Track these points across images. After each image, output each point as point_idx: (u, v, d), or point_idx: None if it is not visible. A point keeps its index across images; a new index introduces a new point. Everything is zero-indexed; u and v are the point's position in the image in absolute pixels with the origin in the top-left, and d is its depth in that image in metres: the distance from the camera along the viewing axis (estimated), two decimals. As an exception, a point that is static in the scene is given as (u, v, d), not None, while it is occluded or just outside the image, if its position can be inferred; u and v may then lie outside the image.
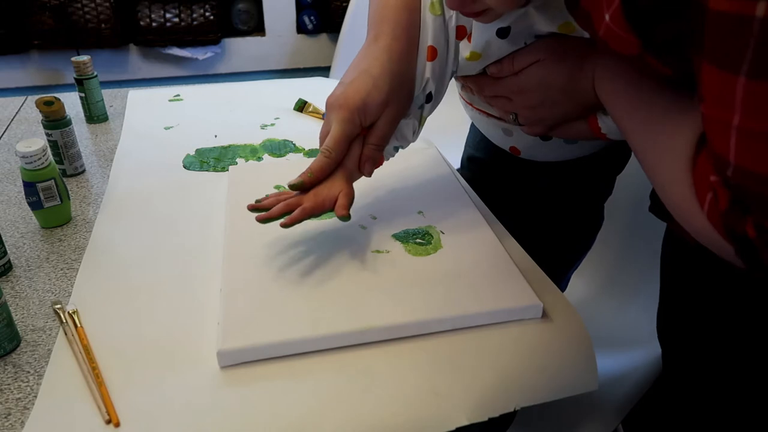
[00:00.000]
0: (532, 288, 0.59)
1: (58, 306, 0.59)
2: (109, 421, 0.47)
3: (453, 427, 0.48)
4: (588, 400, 0.98)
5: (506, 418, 0.56)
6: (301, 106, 1.06)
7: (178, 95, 1.14)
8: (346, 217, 0.60)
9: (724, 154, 0.36)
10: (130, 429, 0.47)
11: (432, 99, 0.66)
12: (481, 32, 0.61)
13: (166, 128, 0.99)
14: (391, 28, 0.63)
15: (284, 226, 0.59)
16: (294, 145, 0.93)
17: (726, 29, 0.32)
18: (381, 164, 0.66)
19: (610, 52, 0.46)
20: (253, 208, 0.61)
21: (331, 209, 0.61)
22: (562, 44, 0.59)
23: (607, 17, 0.42)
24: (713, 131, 0.37)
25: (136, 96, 1.14)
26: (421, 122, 0.68)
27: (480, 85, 0.67)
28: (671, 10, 0.37)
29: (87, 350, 0.54)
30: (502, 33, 0.60)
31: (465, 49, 0.64)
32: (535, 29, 0.59)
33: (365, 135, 0.64)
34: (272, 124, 1.01)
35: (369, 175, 0.65)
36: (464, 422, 0.49)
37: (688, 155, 0.44)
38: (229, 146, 0.92)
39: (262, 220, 0.59)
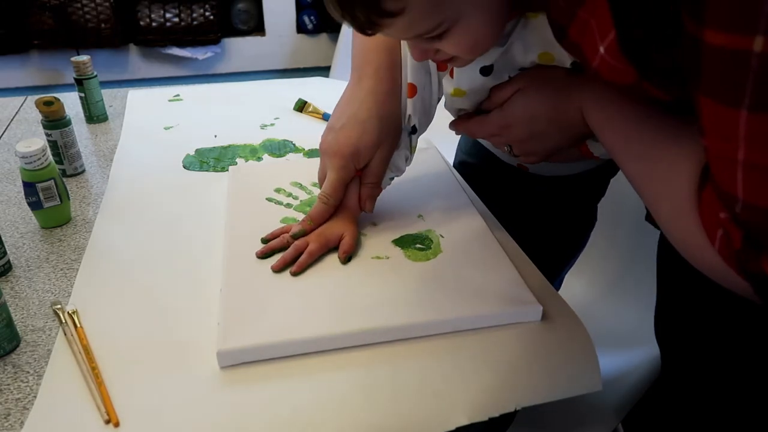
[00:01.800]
0: (532, 291, 0.59)
1: (58, 306, 0.59)
2: (108, 421, 0.47)
3: (453, 427, 0.48)
4: (588, 400, 0.98)
5: (506, 418, 0.56)
6: (301, 106, 1.06)
7: (178, 95, 1.14)
8: (344, 262, 0.63)
9: (731, 191, 0.35)
10: (129, 429, 0.47)
11: (417, 130, 0.68)
12: (463, 71, 0.61)
13: (166, 128, 0.99)
14: (373, 69, 0.65)
15: (294, 274, 0.62)
16: (294, 145, 0.93)
17: (724, 64, 0.31)
18: (379, 194, 0.69)
19: (600, 81, 0.46)
20: (262, 254, 0.64)
21: (336, 245, 0.65)
22: (541, 73, 0.58)
23: (601, 49, 0.42)
24: (718, 166, 0.36)
25: (135, 96, 1.14)
26: (411, 150, 0.70)
27: (469, 130, 0.66)
28: (668, 40, 0.37)
29: (87, 350, 0.54)
30: (486, 71, 0.60)
31: (449, 85, 0.65)
32: (518, 62, 0.59)
33: (361, 175, 0.67)
34: (272, 124, 1.01)
35: (370, 211, 0.69)
36: (464, 422, 0.49)
37: (691, 190, 0.42)
38: (229, 146, 0.92)
39: (277, 270, 0.62)
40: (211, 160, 0.88)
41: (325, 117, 1.02)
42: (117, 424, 0.47)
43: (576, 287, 1.20)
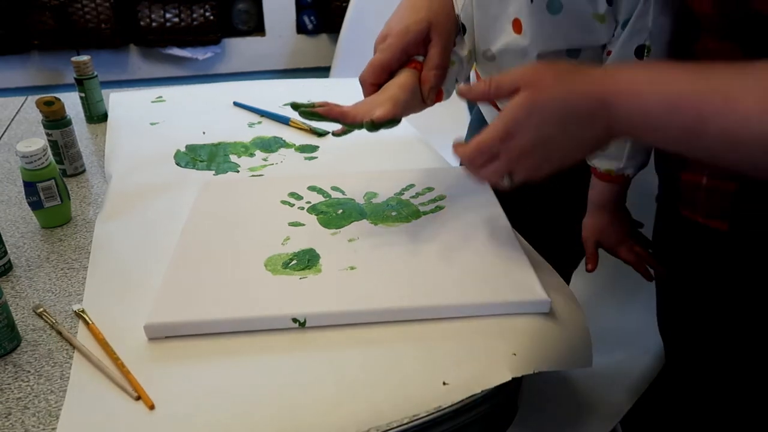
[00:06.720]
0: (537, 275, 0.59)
1: (40, 310, 0.59)
2: (138, 398, 0.48)
3: (449, 402, 0.48)
4: (587, 399, 0.98)
5: (506, 418, 0.56)
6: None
7: (161, 97, 1.11)
8: (369, 125, 0.60)
9: None
10: (165, 411, 0.47)
11: (465, 30, 0.68)
12: None
13: (152, 123, 0.99)
14: None
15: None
16: (284, 141, 0.93)
17: None
18: (441, 99, 0.67)
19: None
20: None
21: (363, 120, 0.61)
22: (548, 67, 0.52)
23: None
24: None
25: (117, 99, 1.11)
26: (467, 56, 0.69)
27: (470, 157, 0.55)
28: None
29: (105, 344, 0.54)
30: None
31: None
32: None
33: (420, 68, 0.64)
34: (259, 122, 1.00)
35: (427, 92, 0.64)
36: (458, 398, 0.48)
37: None
38: (220, 143, 0.92)
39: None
40: (203, 157, 0.87)
41: (313, 129, 0.96)
42: (152, 407, 0.48)
43: (576, 285, 1.21)
